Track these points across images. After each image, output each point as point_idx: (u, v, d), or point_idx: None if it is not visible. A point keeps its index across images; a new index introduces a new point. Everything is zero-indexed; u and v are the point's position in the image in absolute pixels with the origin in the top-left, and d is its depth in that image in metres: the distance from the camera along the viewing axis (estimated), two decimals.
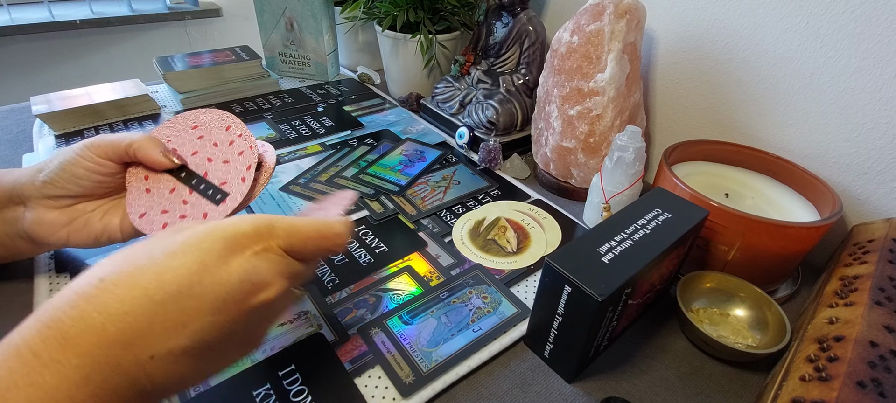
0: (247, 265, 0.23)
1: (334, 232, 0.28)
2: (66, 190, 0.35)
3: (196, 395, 0.32)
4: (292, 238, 0.26)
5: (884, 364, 0.28)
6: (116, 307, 0.20)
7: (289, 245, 0.26)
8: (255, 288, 0.24)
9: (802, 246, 0.41)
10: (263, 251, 0.24)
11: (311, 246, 0.27)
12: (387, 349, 0.36)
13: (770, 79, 0.50)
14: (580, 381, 0.36)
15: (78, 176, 0.35)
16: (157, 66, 0.72)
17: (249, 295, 0.23)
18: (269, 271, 0.24)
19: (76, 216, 0.36)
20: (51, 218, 0.35)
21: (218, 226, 0.24)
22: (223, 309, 0.22)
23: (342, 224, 0.28)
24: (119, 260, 0.22)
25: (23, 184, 0.35)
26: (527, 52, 0.64)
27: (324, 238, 0.27)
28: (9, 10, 1.43)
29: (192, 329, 0.21)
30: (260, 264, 0.24)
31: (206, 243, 0.23)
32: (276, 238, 0.25)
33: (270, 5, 0.78)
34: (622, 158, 0.47)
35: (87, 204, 0.37)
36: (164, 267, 0.22)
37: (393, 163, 0.60)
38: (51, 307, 0.20)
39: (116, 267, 0.21)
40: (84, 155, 0.35)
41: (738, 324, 0.40)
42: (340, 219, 0.29)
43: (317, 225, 0.27)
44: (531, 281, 0.44)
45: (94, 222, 0.37)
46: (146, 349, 0.20)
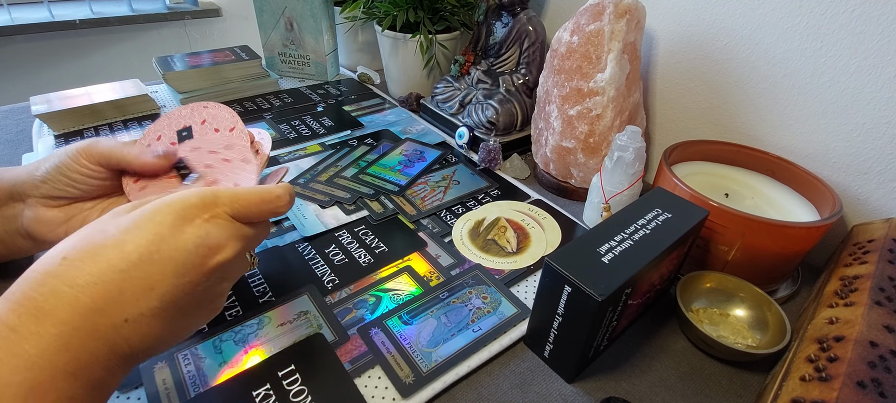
0: (200, 231, 0.26)
1: (274, 194, 0.30)
2: (62, 191, 0.35)
3: (196, 395, 0.32)
4: (236, 204, 0.28)
5: (884, 364, 0.28)
6: (85, 279, 0.22)
7: (234, 210, 0.28)
8: (211, 251, 0.26)
9: (802, 246, 0.41)
10: (212, 217, 0.27)
11: (254, 210, 0.29)
12: (387, 349, 0.36)
13: (770, 79, 0.50)
14: (580, 381, 0.36)
15: (73, 180, 0.35)
16: (157, 66, 0.72)
17: (206, 257, 0.26)
18: (220, 235, 0.27)
19: (74, 214, 0.36)
20: (49, 216, 0.36)
21: (166, 201, 0.26)
22: (184, 271, 0.25)
23: (281, 188, 0.31)
24: (76, 240, 0.24)
25: (22, 181, 0.35)
26: (527, 52, 0.64)
27: (265, 201, 0.30)
28: (9, 10, 1.42)
29: (159, 291, 0.24)
30: (212, 229, 0.26)
31: (159, 216, 0.25)
32: (222, 205, 0.27)
33: (270, 5, 0.78)
34: (622, 158, 0.47)
35: (84, 203, 0.37)
36: (122, 240, 0.24)
37: (393, 163, 0.60)
38: (18, 288, 0.22)
39: (76, 246, 0.23)
40: (77, 160, 0.35)
41: (738, 324, 0.40)
42: (280, 185, 0.31)
43: (258, 191, 0.30)
44: (531, 281, 0.44)
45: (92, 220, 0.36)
46: (120, 313, 0.23)
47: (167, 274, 0.24)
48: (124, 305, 0.23)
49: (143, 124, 0.65)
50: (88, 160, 0.35)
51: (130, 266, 0.23)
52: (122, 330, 0.23)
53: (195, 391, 0.32)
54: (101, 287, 0.22)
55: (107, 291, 0.22)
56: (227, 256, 0.27)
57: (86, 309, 0.22)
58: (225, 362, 0.34)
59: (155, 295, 0.24)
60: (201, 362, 0.34)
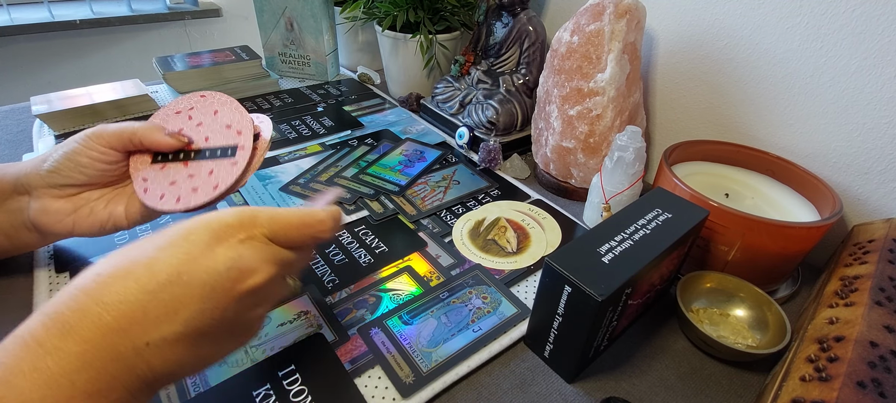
0: (232, 252, 0.24)
1: (317, 219, 0.29)
2: (70, 179, 0.35)
3: (196, 395, 0.32)
4: (275, 225, 0.27)
5: (884, 364, 0.28)
6: (112, 298, 0.21)
7: (272, 232, 0.27)
8: (242, 274, 0.24)
9: (802, 246, 0.41)
10: (248, 239, 0.25)
11: (294, 233, 0.28)
12: (387, 349, 0.36)
13: (770, 79, 0.50)
14: (580, 381, 0.36)
15: (82, 165, 0.35)
16: (157, 66, 0.72)
17: (236, 281, 0.24)
18: (253, 258, 0.25)
19: (81, 204, 0.37)
20: (56, 207, 0.36)
21: (203, 219, 0.25)
22: (211, 295, 0.23)
23: (325, 212, 0.29)
24: (115, 257, 0.23)
25: (27, 173, 0.36)
26: (527, 52, 0.64)
27: (306, 225, 0.28)
28: (9, 10, 1.42)
29: (184, 316, 0.22)
30: (244, 251, 0.25)
31: (193, 235, 0.24)
32: (260, 226, 0.26)
33: (270, 5, 0.78)
34: (622, 158, 0.47)
35: (91, 193, 0.37)
36: (154, 259, 0.23)
37: (393, 163, 0.60)
38: (53, 302, 0.22)
39: (112, 264, 0.23)
40: (87, 144, 0.35)
41: (738, 324, 0.40)
42: (324, 208, 0.30)
43: (299, 213, 0.28)
44: (531, 281, 0.44)
45: (98, 210, 0.37)
46: (142, 335, 0.22)
47: (194, 297, 0.23)
48: (147, 327, 0.22)
49: None
50: (99, 143, 0.35)
51: (158, 286, 0.22)
52: (143, 354, 0.22)
53: (195, 391, 0.32)
54: (126, 307, 0.22)
55: (131, 312, 0.22)
56: (260, 281, 0.25)
57: (108, 329, 0.21)
58: (225, 362, 0.34)
59: (179, 319, 0.22)
60: None
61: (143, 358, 0.22)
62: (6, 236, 0.36)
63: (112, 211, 0.37)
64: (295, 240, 0.28)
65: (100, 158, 0.36)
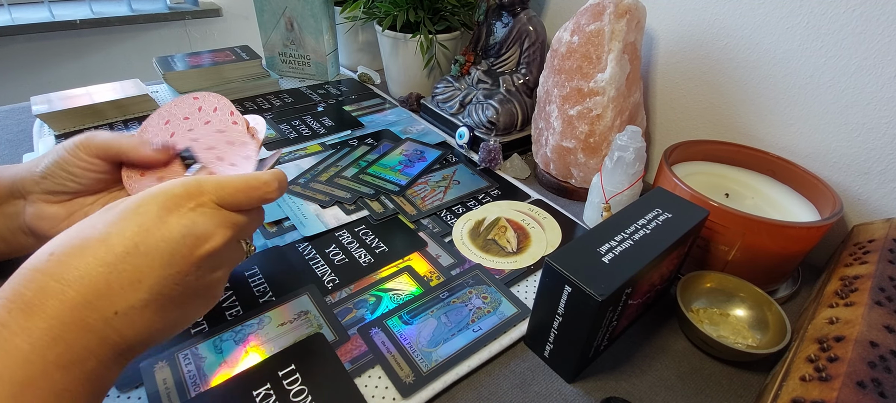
0: (185, 220, 0.25)
1: (262, 181, 0.29)
2: (62, 186, 0.35)
3: (196, 395, 0.32)
4: (222, 191, 0.28)
5: (884, 364, 0.28)
6: (72, 274, 0.22)
7: (220, 198, 0.28)
8: (198, 240, 0.26)
9: (802, 246, 0.41)
10: (198, 206, 0.26)
11: (241, 197, 0.29)
12: (387, 349, 0.36)
13: (770, 79, 0.50)
14: (580, 381, 0.36)
15: (73, 174, 0.35)
16: (157, 66, 0.72)
17: (194, 247, 0.25)
18: (207, 223, 0.26)
19: (76, 209, 0.36)
20: (51, 212, 0.36)
21: (150, 192, 0.26)
22: (172, 262, 0.24)
23: (269, 173, 0.30)
24: (65, 237, 0.24)
25: (22, 177, 0.35)
26: (527, 51, 0.64)
27: (252, 188, 0.29)
28: (9, 10, 1.42)
29: (147, 283, 0.24)
30: (197, 218, 0.26)
31: (143, 207, 0.25)
32: (207, 193, 0.27)
33: (270, 5, 0.78)
34: (622, 158, 0.47)
35: (85, 198, 0.37)
36: (107, 233, 0.24)
37: (393, 163, 0.60)
38: (8, 285, 0.22)
39: (64, 242, 0.23)
40: (75, 154, 0.35)
41: (738, 324, 0.40)
42: (269, 171, 0.31)
43: (244, 178, 0.29)
44: (531, 281, 0.44)
45: None
46: (109, 306, 0.23)
47: (155, 266, 0.24)
48: (112, 298, 0.23)
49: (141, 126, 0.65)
50: (86, 153, 0.35)
51: (116, 259, 0.23)
52: (112, 323, 0.23)
53: (195, 390, 0.32)
54: (88, 281, 0.22)
55: (94, 285, 0.22)
56: (216, 245, 0.27)
57: (73, 304, 0.22)
58: (226, 362, 0.34)
59: (143, 287, 0.24)
60: (202, 362, 0.34)
61: (113, 328, 0.23)
62: (3, 240, 0.36)
63: None
64: (243, 204, 0.29)
65: (89, 168, 0.36)
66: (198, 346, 0.35)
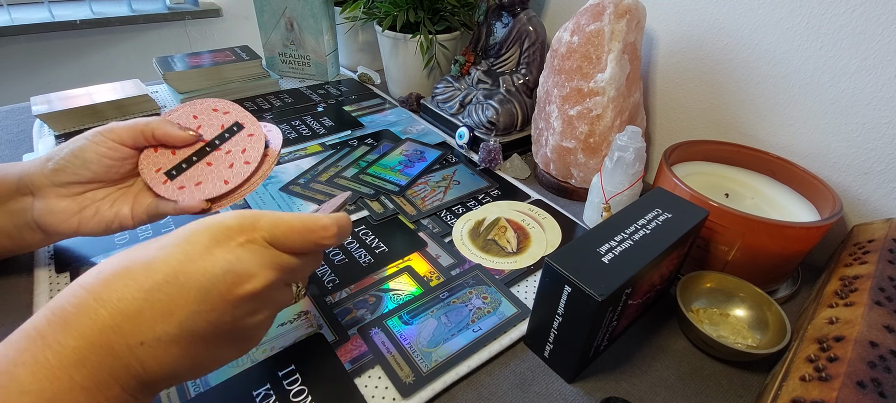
0: (230, 256, 0.24)
1: (320, 224, 0.28)
2: (76, 176, 0.35)
3: (196, 395, 0.32)
4: (276, 229, 0.26)
5: (884, 364, 0.28)
6: (111, 295, 0.22)
7: (273, 236, 0.26)
8: (239, 278, 0.24)
9: (802, 246, 0.41)
10: (247, 242, 0.25)
11: (296, 238, 0.27)
12: (387, 349, 0.36)
13: (770, 79, 0.50)
14: (580, 381, 0.36)
15: (89, 160, 0.35)
16: (157, 66, 0.72)
17: (233, 285, 0.24)
18: (252, 261, 0.25)
19: (86, 204, 0.37)
20: (62, 206, 0.36)
21: (205, 221, 0.25)
22: (207, 298, 0.23)
23: (329, 218, 0.28)
24: (120, 256, 0.24)
25: (31, 173, 0.35)
26: (527, 52, 0.64)
27: (309, 230, 0.27)
28: (9, 10, 1.42)
29: (179, 317, 0.22)
30: (243, 255, 0.24)
31: (194, 236, 0.24)
32: (260, 230, 0.26)
33: (270, 5, 0.78)
34: (622, 158, 0.47)
35: (96, 193, 0.37)
36: (153, 258, 0.23)
37: (393, 163, 0.60)
38: (59, 297, 0.22)
39: (116, 262, 0.23)
40: (96, 140, 0.35)
41: (738, 324, 0.40)
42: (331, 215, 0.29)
43: (302, 218, 0.27)
44: (531, 281, 0.44)
45: (104, 210, 0.37)
46: (136, 334, 0.22)
47: (189, 299, 0.23)
48: (141, 326, 0.22)
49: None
50: (108, 137, 0.36)
51: (154, 286, 0.22)
52: (137, 352, 0.22)
53: (195, 391, 0.32)
54: (123, 305, 0.22)
55: (127, 309, 0.22)
56: (258, 286, 0.25)
57: (104, 326, 0.21)
58: None
59: (174, 321, 0.22)
60: None
61: (136, 357, 0.22)
62: (9, 237, 0.36)
63: (118, 211, 0.37)
64: (297, 246, 0.27)
65: (108, 154, 0.36)
66: None
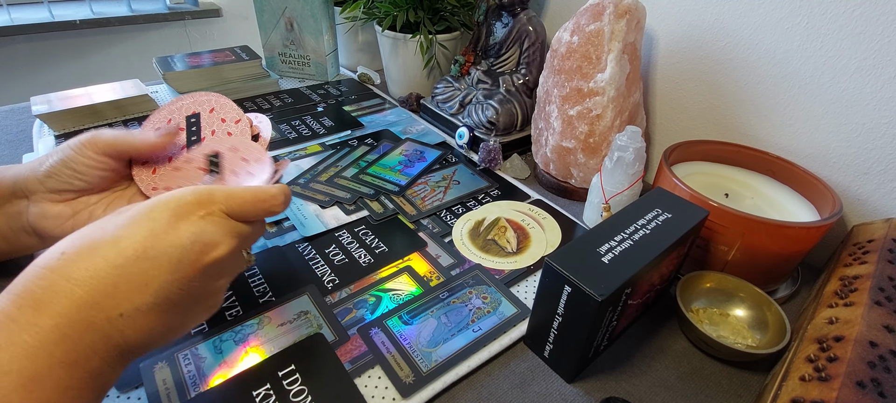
0: (195, 228, 0.26)
1: (269, 194, 0.30)
2: (68, 184, 0.35)
3: (196, 395, 0.32)
4: (231, 201, 0.28)
5: (883, 364, 0.28)
6: (81, 273, 0.23)
7: (229, 208, 0.28)
8: (206, 247, 0.26)
9: (802, 246, 0.41)
10: (208, 215, 0.27)
11: (249, 208, 0.29)
12: (387, 349, 0.36)
13: (770, 79, 0.50)
14: (580, 381, 0.36)
15: (79, 171, 0.35)
16: (157, 66, 0.72)
17: (201, 254, 0.26)
18: (216, 232, 0.27)
19: (80, 209, 0.36)
20: (56, 211, 0.35)
21: (161, 199, 0.27)
22: (179, 267, 0.25)
23: (277, 188, 0.31)
24: (76, 237, 0.24)
25: (26, 177, 0.35)
26: (527, 52, 0.64)
27: (260, 200, 0.30)
28: (9, 10, 1.42)
29: (154, 287, 0.24)
30: (207, 227, 0.27)
31: (154, 212, 0.26)
32: (217, 203, 0.28)
33: (270, 5, 0.78)
34: (622, 158, 0.47)
35: (90, 197, 0.37)
36: (118, 236, 0.24)
37: (393, 163, 0.60)
38: (19, 281, 0.23)
39: (75, 242, 0.24)
40: (81, 151, 0.35)
41: (738, 324, 0.40)
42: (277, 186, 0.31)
43: (253, 190, 0.30)
44: (531, 281, 0.44)
45: (98, 214, 0.37)
46: (115, 307, 0.23)
47: (162, 270, 0.24)
48: (119, 300, 0.23)
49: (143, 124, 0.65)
50: (93, 150, 0.35)
51: (126, 261, 0.24)
52: (117, 324, 0.23)
53: (195, 391, 0.32)
54: (97, 281, 0.23)
55: (102, 286, 0.23)
56: (222, 253, 0.27)
57: (81, 303, 0.22)
58: (225, 362, 0.34)
59: (150, 291, 0.24)
60: (201, 362, 0.34)
61: (116, 328, 0.23)
62: (5, 240, 0.36)
63: None
64: (250, 215, 0.30)
65: (95, 165, 0.36)
66: (198, 347, 0.35)
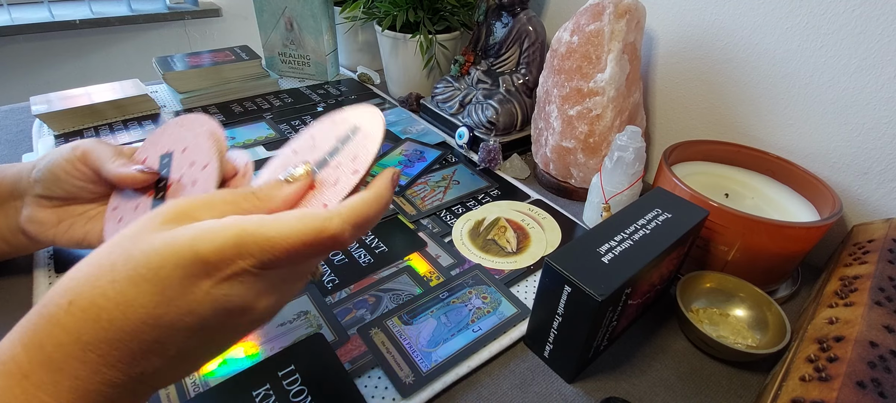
0: (216, 294, 0.20)
1: (328, 234, 0.21)
2: (50, 191, 0.35)
3: (196, 395, 0.32)
4: (268, 255, 0.21)
5: (884, 364, 0.28)
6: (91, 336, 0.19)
7: (264, 263, 0.21)
8: (232, 314, 0.21)
9: (802, 246, 0.41)
10: (233, 276, 0.20)
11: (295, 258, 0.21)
12: (387, 349, 0.36)
13: (770, 79, 0.50)
14: (580, 381, 0.36)
15: (61, 180, 0.35)
16: (157, 66, 0.72)
17: (227, 319, 0.21)
18: (244, 296, 0.21)
19: (65, 217, 0.36)
20: (43, 216, 0.35)
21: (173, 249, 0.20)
22: (200, 333, 0.21)
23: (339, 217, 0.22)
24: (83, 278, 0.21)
25: (22, 178, 0.35)
26: (527, 52, 0.64)
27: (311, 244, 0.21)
28: (9, 10, 1.42)
29: (173, 351, 0.21)
30: (232, 290, 0.21)
31: (163, 271, 0.20)
32: (247, 258, 0.20)
33: (270, 5, 0.78)
34: (622, 158, 0.47)
35: (76, 207, 0.37)
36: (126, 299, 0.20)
37: (393, 163, 0.60)
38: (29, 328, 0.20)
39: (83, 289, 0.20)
40: (71, 162, 0.35)
41: (738, 324, 0.40)
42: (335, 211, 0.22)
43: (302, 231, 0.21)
44: (531, 281, 0.44)
45: (77, 226, 0.36)
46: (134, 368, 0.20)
47: (179, 335, 0.20)
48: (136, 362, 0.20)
49: (143, 124, 0.65)
50: (82, 162, 0.35)
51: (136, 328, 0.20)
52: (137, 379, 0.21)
53: (195, 390, 0.32)
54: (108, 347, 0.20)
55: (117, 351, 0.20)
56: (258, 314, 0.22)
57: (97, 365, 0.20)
58: (225, 362, 0.34)
59: (169, 352, 0.21)
60: None
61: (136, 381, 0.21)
62: (4, 239, 0.36)
63: (89, 229, 0.36)
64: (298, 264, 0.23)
65: (78, 176, 0.35)
66: None
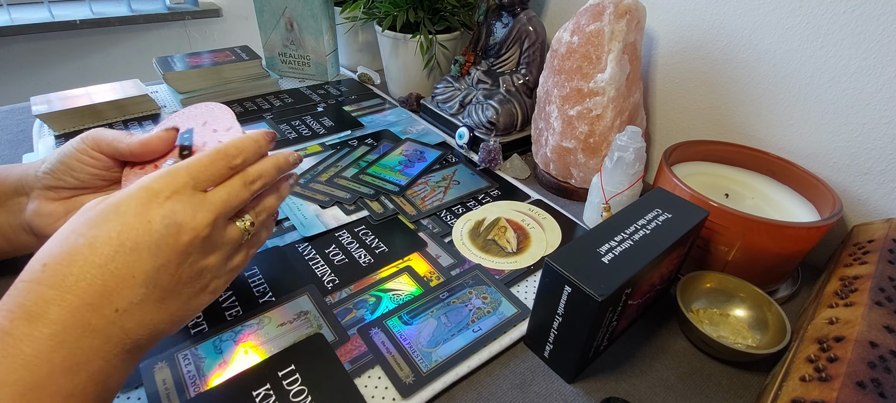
0: (163, 210, 0.26)
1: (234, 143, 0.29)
2: (62, 181, 0.35)
3: (196, 395, 0.32)
4: (194, 169, 0.27)
5: (884, 364, 0.28)
6: (68, 280, 0.23)
7: (194, 179, 0.27)
8: (181, 228, 0.26)
9: (802, 246, 0.41)
10: (174, 194, 0.26)
11: (216, 167, 0.28)
12: (387, 349, 0.36)
13: (770, 79, 0.50)
14: (580, 381, 0.36)
15: (73, 168, 0.35)
16: (157, 67, 0.72)
17: (178, 235, 0.26)
18: (185, 210, 0.26)
19: (73, 208, 0.36)
20: (49, 209, 0.36)
21: (127, 191, 0.26)
22: (159, 254, 0.25)
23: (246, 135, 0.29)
24: (53, 245, 0.24)
25: (28, 174, 0.36)
26: (527, 52, 0.64)
27: (225, 154, 0.29)
28: (9, 10, 1.42)
29: (141, 278, 0.24)
30: (175, 207, 0.26)
31: (122, 206, 0.25)
32: (181, 178, 0.27)
33: (270, 5, 0.78)
34: (622, 158, 0.47)
35: (85, 198, 0.37)
36: (93, 237, 0.24)
37: (393, 163, 0.60)
38: (7, 297, 0.23)
39: (54, 251, 0.24)
40: (80, 148, 0.35)
41: (738, 324, 0.40)
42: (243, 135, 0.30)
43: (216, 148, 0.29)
44: (531, 282, 0.44)
45: None
46: (109, 304, 0.23)
47: (144, 260, 0.24)
48: (111, 297, 0.23)
49: (143, 124, 0.65)
50: (90, 146, 0.35)
51: (106, 259, 0.24)
52: (115, 321, 0.24)
53: (195, 390, 0.32)
54: (86, 284, 0.23)
55: (91, 288, 0.23)
56: (199, 229, 0.26)
57: (74, 307, 0.22)
58: (225, 362, 0.34)
59: (138, 282, 0.24)
60: (201, 362, 0.34)
61: (116, 326, 0.24)
62: (5, 237, 0.37)
63: None
64: (216, 176, 0.28)
65: (91, 162, 0.35)
66: (197, 346, 0.35)
